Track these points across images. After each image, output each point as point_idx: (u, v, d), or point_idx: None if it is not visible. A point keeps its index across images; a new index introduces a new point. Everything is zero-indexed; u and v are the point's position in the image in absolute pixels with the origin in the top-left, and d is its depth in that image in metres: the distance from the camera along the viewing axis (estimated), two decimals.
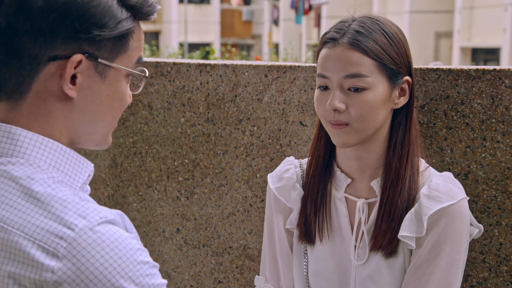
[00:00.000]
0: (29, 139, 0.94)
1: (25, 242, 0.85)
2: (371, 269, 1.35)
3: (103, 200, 2.17)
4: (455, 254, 1.28)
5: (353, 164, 1.38)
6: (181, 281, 2.04)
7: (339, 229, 1.40)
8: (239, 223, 1.92)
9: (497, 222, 1.52)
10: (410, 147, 1.34)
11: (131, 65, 1.00)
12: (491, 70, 1.49)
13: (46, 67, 0.93)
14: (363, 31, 1.28)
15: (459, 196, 1.30)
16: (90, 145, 1.03)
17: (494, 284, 1.54)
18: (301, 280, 1.44)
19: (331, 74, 1.29)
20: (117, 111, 1.01)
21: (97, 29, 0.92)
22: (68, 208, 0.88)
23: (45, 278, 0.84)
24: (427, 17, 21.25)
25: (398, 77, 1.30)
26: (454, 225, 1.28)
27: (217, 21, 31.89)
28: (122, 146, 2.11)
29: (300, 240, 1.43)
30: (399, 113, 1.35)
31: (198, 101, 1.95)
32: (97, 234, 0.86)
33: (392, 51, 1.29)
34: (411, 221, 1.29)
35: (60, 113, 0.96)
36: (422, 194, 1.30)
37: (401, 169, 1.32)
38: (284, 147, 1.82)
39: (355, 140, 1.30)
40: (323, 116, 1.32)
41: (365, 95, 1.27)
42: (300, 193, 1.44)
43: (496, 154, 1.50)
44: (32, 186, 0.89)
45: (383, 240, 1.32)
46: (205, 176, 1.96)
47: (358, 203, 1.37)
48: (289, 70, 1.78)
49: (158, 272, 0.91)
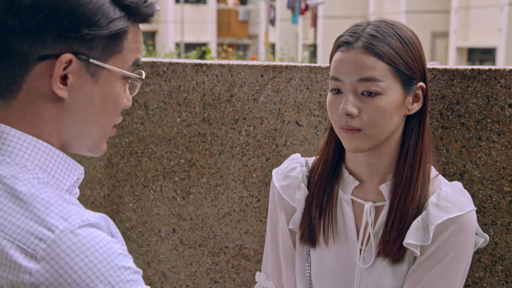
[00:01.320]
0: (17, 138, 0.92)
1: (4, 242, 0.84)
2: (376, 274, 1.34)
3: (99, 200, 2.17)
4: (455, 263, 1.27)
5: (363, 169, 1.37)
6: (177, 281, 2.04)
7: (345, 232, 1.38)
8: (235, 223, 1.92)
9: (492, 221, 1.52)
10: (422, 154, 1.32)
11: (126, 67, 0.98)
12: (486, 70, 1.50)
13: (36, 66, 0.91)
14: (378, 35, 1.26)
15: (468, 207, 1.29)
16: (82, 150, 1.00)
17: (489, 284, 1.54)
18: (303, 280, 1.43)
19: (344, 78, 1.27)
20: (111, 114, 0.99)
21: (86, 28, 0.90)
22: (50, 209, 0.86)
23: (22, 279, 0.82)
24: (423, 17, 21.27)
25: (412, 82, 1.29)
26: (460, 236, 1.27)
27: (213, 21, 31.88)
28: (118, 146, 2.11)
29: (302, 242, 1.42)
30: (412, 119, 1.33)
31: (194, 101, 1.95)
32: (77, 237, 0.84)
33: (407, 56, 1.27)
34: (418, 229, 1.28)
35: (50, 114, 0.94)
36: (430, 202, 1.29)
37: (413, 176, 1.31)
38: (280, 147, 1.82)
39: (367, 146, 1.29)
40: (336, 121, 1.30)
41: (379, 100, 1.25)
42: (304, 193, 1.42)
43: (491, 154, 1.51)
44: (16, 186, 0.88)
45: (393, 247, 1.31)
46: (201, 176, 1.96)
47: (366, 206, 1.35)
48: (285, 70, 1.78)
49: (140, 279, 0.89)
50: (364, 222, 1.36)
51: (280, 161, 1.81)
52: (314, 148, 1.75)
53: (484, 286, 1.55)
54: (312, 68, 1.74)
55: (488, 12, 18.61)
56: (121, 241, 0.96)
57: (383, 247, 1.32)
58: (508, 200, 1.50)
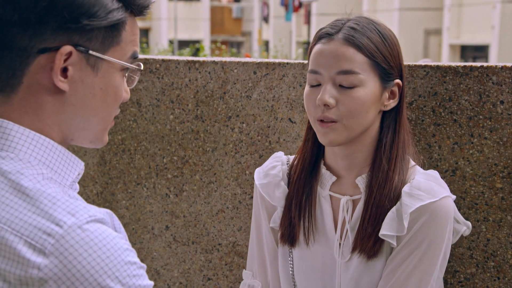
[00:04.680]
0: (21, 134, 0.92)
1: (12, 237, 0.84)
2: (353, 268, 1.35)
3: (91, 197, 2.16)
4: (431, 251, 1.27)
5: (340, 163, 1.37)
6: (170, 278, 2.04)
7: (323, 228, 1.39)
8: (228, 220, 1.92)
9: (485, 218, 1.53)
10: (398, 150, 1.33)
11: (125, 59, 0.98)
12: (478, 67, 1.50)
13: (36, 59, 0.91)
14: (358, 28, 1.28)
15: (441, 194, 1.29)
16: (83, 142, 1.01)
17: (481, 280, 1.55)
18: (287, 278, 1.44)
19: (323, 70, 1.28)
20: (111, 106, 0.99)
21: (86, 19, 0.91)
22: (57, 204, 0.87)
23: (31, 274, 0.83)
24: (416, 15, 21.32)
25: (390, 77, 1.30)
26: (434, 222, 1.27)
27: (207, 18, 31.84)
28: (110, 143, 2.10)
29: (282, 242, 1.43)
30: (389, 115, 1.34)
31: (187, 98, 1.95)
32: (85, 232, 0.85)
33: (386, 51, 1.29)
34: (392, 219, 1.29)
35: (51, 107, 0.94)
36: (403, 192, 1.30)
37: (389, 171, 1.32)
38: (273, 144, 1.82)
39: (343, 138, 1.30)
40: (312, 114, 1.31)
41: (356, 92, 1.27)
42: (284, 191, 1.43)
43: (483, 151, 1.51)
44: (21, 181, 0.88)
45: (368, 242, 1.31)
46: (194, 173, 1.96)
47: (342, 200, 1.36)
48: (277, 67, 1.78)
49: (145, 273, 0.90)
50: (341, 216, 1.36)
51: None
52: None
53: (476, 282, 1.55)
54: (305, 65, 1.74)
55: (480, 10, 18.67)
56: (125, 236, 0.97)
57: (359, 242, 1.33)
58: (500, 197, 1.51)
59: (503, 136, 1.49)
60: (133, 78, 1.04)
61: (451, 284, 1.57)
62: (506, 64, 1.48)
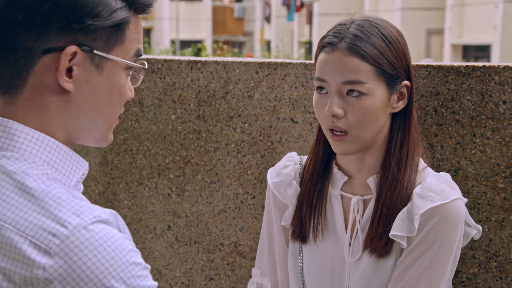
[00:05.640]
0: (25, 134, 0.93)
1: (17, 237, 0.84)
2: (363, 268, 1.35)
3: (93, 197, 2.17)
4: (442, 253, 1.27)
5: (351, 164, 1.38)
6: (172, 278, 2.04)
7: (334, 227, 1.40)
8: (230, 220, 1.92)
9: (487, 218, 1.53)
10: (409, 150, 1.33)
11: (129, 57, 0.98)
12: (480, 67, 1.50)
13: (41, 60, 0.91)
14: (361, 35, 1.26)
15: (452, 196, 1.28)
16: (89, 142, 1.01)
17: (483, 280, 1.54)
18: (296, 276, 1.45)
19: (329, 79, 1.28)
20: (116, 105, 0.99)
21: (90, 19, 0.91)
22: (62, 205, 0.87)
23: (36, 275, 0.83)
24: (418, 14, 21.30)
25: (397, 82, 1.29)
26: (445, 224, 1.27)
27: (208, 18, 31.84)
28: (112, 143, 2.10)
29: (293, 239, 1.44)
30: (398, 116, 1.34)
31: (189, 98, 1.95)
32: (90, 233, 0.85)
33: (391, 56, 1.27)
34: (403, 220, 1.29)
35: (56, 107, 0.94)
36: (415, 193, 1.29)
37: (399, 172, 1.31)
38: (275, 144, 1.82)
39: (355, 149, 1.30)
40: (323, 122, 1.31)
41: (364, 101, 1.26)
42: (296, 190, 1.44)
43: (485, 151, 1.51)
44: (26, 181, 0.88)
45: (379, 242, 1.31)
46: (196, 173, 1.96)
47: (353, 200, 1.37)
48: (279, 67, 1.78)
49: (149, 274, 0.90)
50: (351, 216, 1.37)
51: (275, 158, 1.81)
52: (309, 145, 1.75)
53: (478, 282, 1.55)
54: (307, 65, 1.74)
55: (482, 10, 18.65)
56: (129, 237, 0.97)
57: (369, 242, 1.33)
58: (502, 197, 1.51)
59: (506, 136, 1.49)
60: (137, 76, 1.04)
61: (454, 284, 1.57)
62: (509, 64, 1.47)
